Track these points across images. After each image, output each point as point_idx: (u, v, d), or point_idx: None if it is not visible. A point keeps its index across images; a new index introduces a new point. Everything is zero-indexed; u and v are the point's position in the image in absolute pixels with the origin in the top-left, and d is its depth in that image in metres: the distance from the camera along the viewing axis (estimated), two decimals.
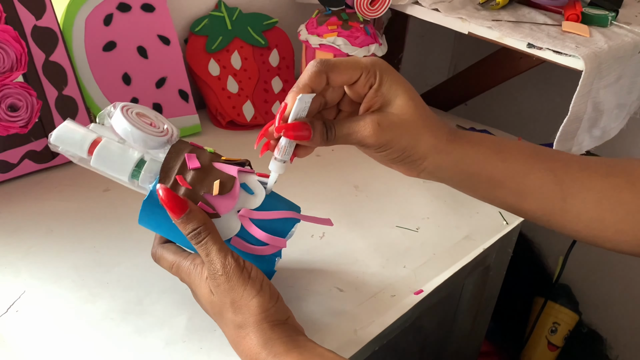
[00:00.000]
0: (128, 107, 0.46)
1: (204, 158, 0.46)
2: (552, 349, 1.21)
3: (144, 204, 0.45)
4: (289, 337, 0.42)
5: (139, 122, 0.45)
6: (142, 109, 0.47)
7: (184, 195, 0.44)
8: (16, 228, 0.59)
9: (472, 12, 0.76)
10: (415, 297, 0.55)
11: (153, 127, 0.46)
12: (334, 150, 0.80)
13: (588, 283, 1.23)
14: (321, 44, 0.77)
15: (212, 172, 0.45)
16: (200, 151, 0.47)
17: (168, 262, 0.47)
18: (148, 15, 0.75)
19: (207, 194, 0.44)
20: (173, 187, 0.44)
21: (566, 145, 0.72)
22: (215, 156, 0.47)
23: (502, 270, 0.80)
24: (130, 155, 0.45)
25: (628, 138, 0.97)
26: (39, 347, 0.46)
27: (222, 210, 0.45)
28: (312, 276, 0.55)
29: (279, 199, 0.48)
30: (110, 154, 0.45)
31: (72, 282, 0.52)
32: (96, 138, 0.45)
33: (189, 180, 0.44)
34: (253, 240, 0.46)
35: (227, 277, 0.43)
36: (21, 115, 0.64)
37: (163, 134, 0.46)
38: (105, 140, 0.45)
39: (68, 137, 0.45)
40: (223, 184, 0.45)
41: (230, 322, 0.44)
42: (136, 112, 0.46)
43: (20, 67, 0.63)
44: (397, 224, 0.65)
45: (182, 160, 0.45)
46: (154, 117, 0.47)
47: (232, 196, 0.45)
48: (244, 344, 0.43)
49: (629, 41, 0.73)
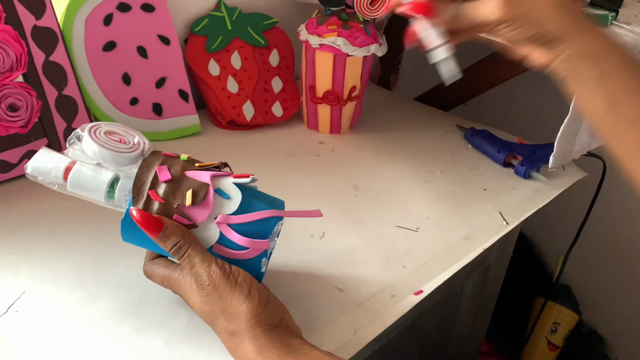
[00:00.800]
0: (96, 127, 0.46)
1: (176, 168, 0.45)
2: (552, 349, 1.21)
3: (123, 223, 0.45)
4: (283, 341, 0.42)
5: (108, 141, 0.45)
6: (110, 126, 0.47)
7: (158, 209, 0.44)
8: (16, 228, 0.59)
9: None
10: (415, 297, 0.54)
11: (123, 143, 0.46)
12: (334, 150, 0.80)
13: (588, 283, 1.23)
14: (321, 44, 0.77)
15: (184, 181, 0.44)
16: (172, 161, 0.46)
17: (159, 276, 0.47)
18: (148, 15, 0.75)
19: (181, 205, 0.44)
20: (147, 203, 0.44)
21: (567, 145, 0.72)
22: (189, 164, 0.46)
23: (502, 270, 0.80)
24: (103, 176, 0.45)
25: None
26: (39, 347, 0.46)
27: (198, 219, 0.44)
28: (312, 276, 0.55)
29: (259, 197, 0.47)
30: (83, 177, 0.45)
31: (72, 282, 0.52)
32: (69, 164, 0.45)
33: (161, 194, 0.44)
34: (234, 245, 0.45)
35: (214, 287, 0.43)
36: (21, 115, 0.64)
37: (133, 149, 0.46)
38: (78, 165, 0.45)
39: (43, 166, 0.45)
40: (196, 193, 0.44)
41: (223, 329, 0.44)
42: (104, 132, 0.46)
43: (20, 67, 0.63)
44: (397, 224, 0.65)
45: (154, 174, 0.44)
46: (123, 133, 0.47)
47: (206, 204, 0.44)
48: (238, 351, 0.43)
49: (629, 41, 0.73)
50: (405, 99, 1.01)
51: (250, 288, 0.43)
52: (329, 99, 0.81)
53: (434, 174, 0.76)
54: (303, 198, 0.68)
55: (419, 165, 0.78)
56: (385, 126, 0.88)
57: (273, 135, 0.83)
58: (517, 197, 0.72)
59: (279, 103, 0.86)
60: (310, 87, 0.82)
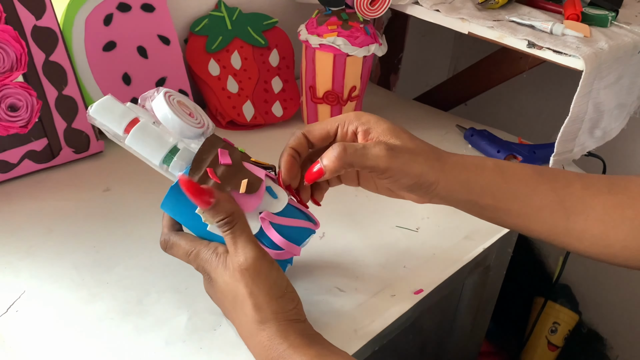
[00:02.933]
0: (170, 93, 0.46)
1: (235, 156, 0.46)
2: (552, 349, 1.21)
3: (171, 190, 0.45)
4: (309, 332, 0.43)
5: (180, 110, 0.46)
6: (182, 98, 0.48)
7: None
8: (16, 228, 0.59)
9: (472, 12, 0.76)
10: (415, 296, 0.55)
11: (191, 117, 0.47)
12: None
13: (588, 283, 1.23)
14: (321, 44, 0.77)
15: (241, 170, 0.46)
16: (231, 148, 0.47)
17: (184, 249, 0.46)
18: (148, 15, 0.75)
19: (234, 191, 0.45)
20: (203, 178, 0.45)
21: (568, 145, 0.72)
22: (245, 156, 0.48)
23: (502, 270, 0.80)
24: (165, 140, 0.45)
25: (628, 138, 0.97)
26: (39, 347, 0.46)
27: (245, 208, 0.45)
28: (312, 276, 0.55)
29: (298, 209, 0.49)
30: (147, 135, 0.45)
31: (72, 282, 0.52)
32: (134, 117, 0.45)
33: (218, 175, 0.45)
34: (269, 243, 0.46)
35: (257, 270, 0.42)
36: (21, 115, 0.64)
37: (200, 125, 0.47)
38: (144, 122, 0.45)
39: (108, 111, 0.44)
40: (251, 183, 0.45)
41: (249, 317, 0.43)
42: (177, 100, 0.47)
43: (20, 67, 0.63)
44: (397, 224, 0.65)
45: (215, 155, 0.45)
46: (192, 108, 0.48)
47: (258, 197, 0.45)
48: (261, 336, 0.43)
49: (629, 41, 0.73)
50: (405, 99, 1.01)
51: (287, 286, 0.44)
52: (329, 99, 0.81)
53: None
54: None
55: None
56: None
57: (273, 135, 0.83)
58: None
59: (279, 103, 0.86)
60: (310, 87, 0.82)
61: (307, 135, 0.48)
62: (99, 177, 0.69)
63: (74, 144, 0.70)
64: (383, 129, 0.46)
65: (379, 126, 0.47)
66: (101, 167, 0.71)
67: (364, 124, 0.47)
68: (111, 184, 0.68)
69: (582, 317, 1.24)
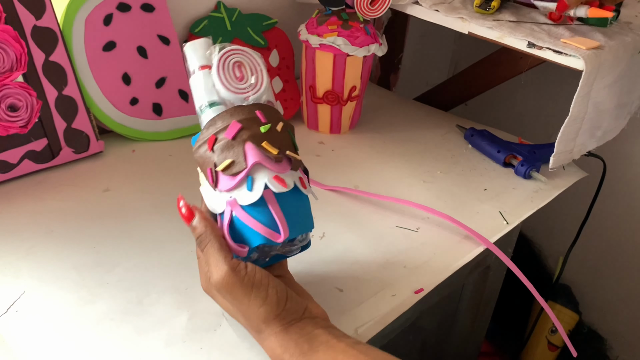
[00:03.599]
0: (228, 54, 0.47)
1: (248, 133, 0.45)
2: (552, 349, 1.21)
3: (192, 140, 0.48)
4: (307, 335, 0.42)
5: (230, 75, 0.47)
6: (242, 55, 0.48)
7: (203, 155, 0.46)
8: (16, 228, 0.59)
9: (472, 12, 0.76)
10: (416, 296, 0.54)
11: (240, 81, 0.47)
12: (334, 151, 0.80)
13: (588, 283, 1.23)
14: (321, 44, 0.77)
15: (235, 149, 0.45)
16: (252, 124, 0.46)
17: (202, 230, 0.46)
18: (148, 15, 0.75)
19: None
20: (202, 142, 0.46)
21: (567, 146, 0.72)
22: (262, 137, 0.46)
23: (502, 270, 0.80)
24: (207, 95, 0.47)
25: (629, 138, 0.97)
26: (39, 347, 0.46)
27: (219, 186, 0.45)
28: (312, 276, 0.55)
29: (287, 210, 0.45)
30: (198, 85, 0.47)
31: (72, 282, 0.52)
32: (204, 65, 0.48)
33: (216, 145, 0.45)
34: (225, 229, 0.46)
35: (228, 290, 0.42)
36: (21, 115, 0.64)
37: (245, 90, 0.47)
38: (204, 72, 0.47)
39: (193, 52, 0.48)
40: (231, 165, 0.44)
41: (248, 327, 0.44)
42: (234, 62, 0.48)
43: (20, 67, 0.63)
44: (397, 224, 0.65)
45: (228, 124, 0.45)
46: (248, 68, 0.48)
47: (231, 181, 0.44)
48: (266, 346, 0.43)
49: (629, 41, 0.73)
50: (405, 99, 1.01)
51: (268, 289, 0.42)
52: (329, 99, 0.81)
53: (434, 174, 0.76)
54: None
55: (419, 165, 0.78)
56: (385, 126, 0.88)
57: None
58: (517, 197, 0.72)
59: (279, 103, 0.86)
60: (310, 87, 0.82)
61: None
62: (99, 177, 0.69)
63: (73, 144, 0.70)
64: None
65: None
66: (101, 167, 0.71)
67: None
68: (111, 184, 0.68)
69: (582, 317, 1.24)
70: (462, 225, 0.63)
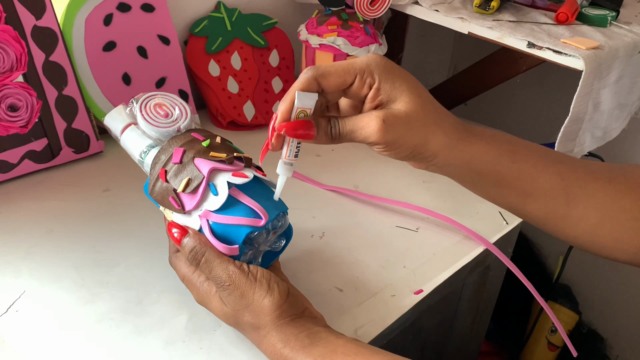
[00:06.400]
0: (148, 100, 0.50)
1: (191, 152, 0.47)
2: (552, 349, 1.21)
3: (144, 188, 0.49)
4: (308, 330, 0.43)
5: (155, 115, 0.49)
6: (163, 98, 0.51)
7: (161, 188, 0.47)
8: (16, 228, 0.59)
9: (472, 12, 0.76)
10: (415, 297, 0.55)
11: (166, 117, 0.50)
12: (334, 150, 0.80)
13: (588, 283, 1.23)
14: (321, 44, 0.77)
15: (188, 168, 0.46)
16: (193, 144, 0.47)
17: (180, 272, 0.48)
18: (148, 15, 0.75)
19: (178, 190, 0.46)
20: (156, 179, 0.47)
21: (568, 146, 0.72)
22: (207, 150, 0.47)
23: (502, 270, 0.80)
24: (141, 143, 0.49)
25: (629, 138, 0.97)
26: (39, 347, 0.46)
27: (187, 207, 0.46)
28: (312, 276, 0.55)
29: (258, 198, 0.46)
30: (129, 140, 0.50)
31: (72, 282, 0.52)
32: (127, 125, 0.50)
33: (168, 175, 0.46)
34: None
35: (235, 285, 0.43)
36: (21, 115, 0.64)
37: (172, 124, 0.49)
38: (130, 129, 0.50)
39: (112, 121, 0.51)
40: (190, 182, 0.46)
41: (248, 325, 0.44)
42: (155, 104, 0.50)
43: (20, 67, 0.63)
44: (397, 224, 0.65)
45: (171, 154, 0.47)
46: (169, 106, 0.50)
47: (195, 195, 0.45)
48: (266, 343, 0.43)
49: (629, 41, 0.73)
50: None
51: (270, 283, 0.44)
52: None
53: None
54: (303, 199, 0.68)
55: None
56: None
57: None
58: None
59: (279, 103, 0.86)
60: None
61: (319, 79, 0.43)
62: (99, 177, 0.69)
63: (73, 144, 0.70)
64: (396, 87, 0.43)
65: (394, 85, 0.43)
66: (101, 167, 0.71)
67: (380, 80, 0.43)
68: (111, 184, 0.68)
69: (582, 317, 1.24)
70: (461, 226, 0.63)
